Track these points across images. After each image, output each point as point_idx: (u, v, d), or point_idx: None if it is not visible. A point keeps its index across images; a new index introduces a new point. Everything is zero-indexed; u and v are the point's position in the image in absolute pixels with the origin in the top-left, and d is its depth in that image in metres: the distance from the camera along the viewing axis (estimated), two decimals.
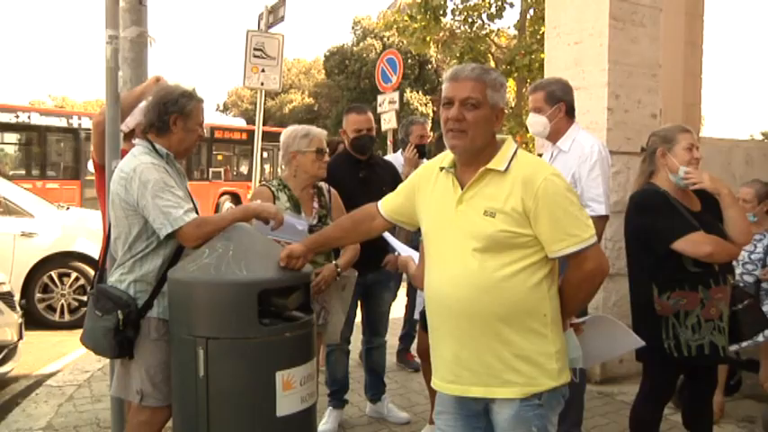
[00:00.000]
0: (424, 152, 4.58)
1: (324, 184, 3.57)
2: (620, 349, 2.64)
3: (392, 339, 4.98)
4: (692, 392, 3.20)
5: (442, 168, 2.16)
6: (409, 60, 27.27)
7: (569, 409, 3.58)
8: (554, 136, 3.61)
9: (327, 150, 3.46)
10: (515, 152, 2.09)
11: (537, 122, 3.62)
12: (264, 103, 9.99)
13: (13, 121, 15.13)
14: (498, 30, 16.40)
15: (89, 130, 8.49)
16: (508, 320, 2.01)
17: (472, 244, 2.01)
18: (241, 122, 22.16)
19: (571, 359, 2.15)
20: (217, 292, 2.42)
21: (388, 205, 2.40)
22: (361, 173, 3.96)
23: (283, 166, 3.51)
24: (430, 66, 32.18)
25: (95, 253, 6.38)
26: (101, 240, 3.39)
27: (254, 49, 8.14)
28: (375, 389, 4.24)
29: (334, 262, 3.37)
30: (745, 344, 3.97)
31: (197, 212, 2.71)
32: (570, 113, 3.61)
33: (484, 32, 15.42)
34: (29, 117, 15.41)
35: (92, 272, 6.53)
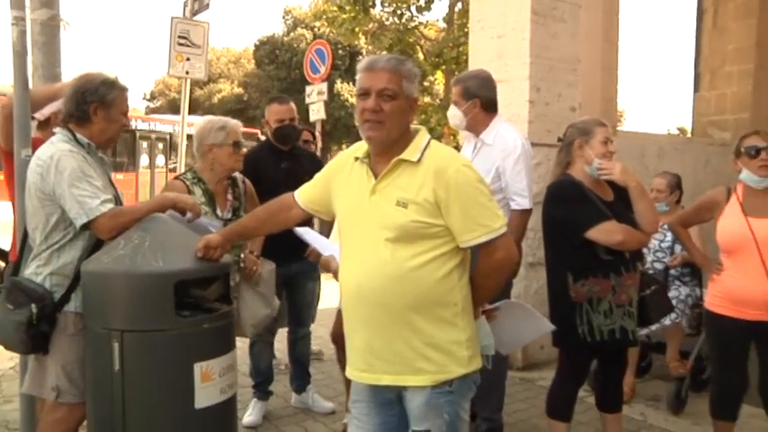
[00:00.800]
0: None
1: (238, 175, 3.53)
2: (532, 334, 2.72)
3: (321, 330, 4.99)
4: (604, 375, 3.33)
5: (356, 158, 2.17)
6: (340, 51, 27.18)
7: (490, 395, 3.71)
8: (474, 129, 3.66)
9: (244, 143, 3.42)
10: (428, 143, 2.11)
11: (454, 116, 3.69)
12: (192, 93, 9.78)
13: None
14: (427, 22, 16.52)
15: None
16: (419, 310, 2.04)
17: (384, 234, 2.03)
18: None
19: (483, 346, 2.20)
20: (131, 284, 2.37)
21: (304, 195, 2.40)
22: (283, 163, 3.94)
23: (198, 159, 3.44)
24: (361, 57, 32.10)
25: (5, 245, 6.11)
26: (10, 231, 3.25)
27: (179, 37, 7.94)
28: (300, 379, 4.24)
29: (248, 250, 3.35)
30: (654, 327, 4.18)
31: (121, 203, 2.64)
32: (488, 107, 3.65)
33: (413, 25, 15.55)
34: None
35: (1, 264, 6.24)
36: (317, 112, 10.33)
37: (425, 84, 15.21)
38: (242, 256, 3.34)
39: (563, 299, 3.09)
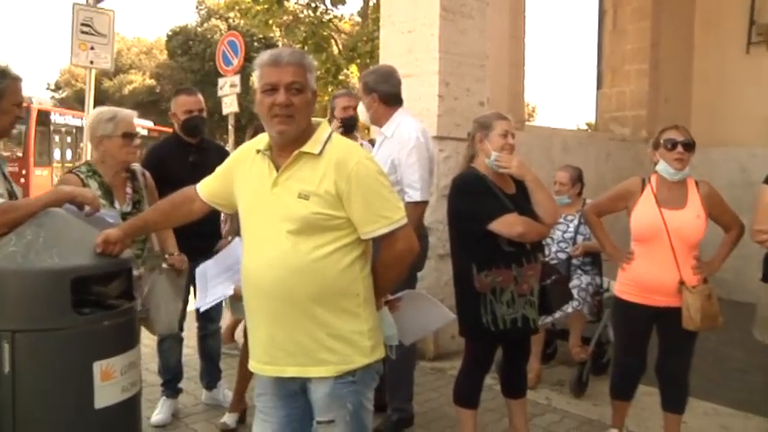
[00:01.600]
0: (351, 125, 4.31)
1: (137, 167, 3.45)
2: (434, 324, 2.78)
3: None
4: (508, 362, 3.45)
5: (258, 151, 2.16)
6: (255, 44, 26.76)
7: (400, 386, 3.77)
8: (377, 122, 3.76)
9: (138, 134, 3.33)
10: (329, 136, 2.13)
11: (360, 111, 3.80)
12: (100, 84, 9.41)
13: None
14: (342, 16, 16.54)
15: None
16: (321, 301, 2.05)
17: (286, 226, 2.03)
18: (149, 123, 20.77)
19: (386, 336, 2.24)
20: (24, 282, 2.26)
21: (206, 188, 2.37)
22: (191, 156, 3.86)
23: (92, 151, 3.34)
24: None
25: None
26: None
27: (82, 25, 7.61)
28: (210, 375, 4.18)
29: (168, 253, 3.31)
30: (557, 315, 4.35)
31: (15, 197, 2.52)
32: (388, 101, 3.71)
33: (327, 18, 15.48)
34: None
35: None
36: (229, 105, 10.16)
37: (340, 77, 15.17)
38: (148, 250, 3.27)
39: (468, 289, 3.17)
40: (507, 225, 3.07)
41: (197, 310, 4.10)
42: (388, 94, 3.71)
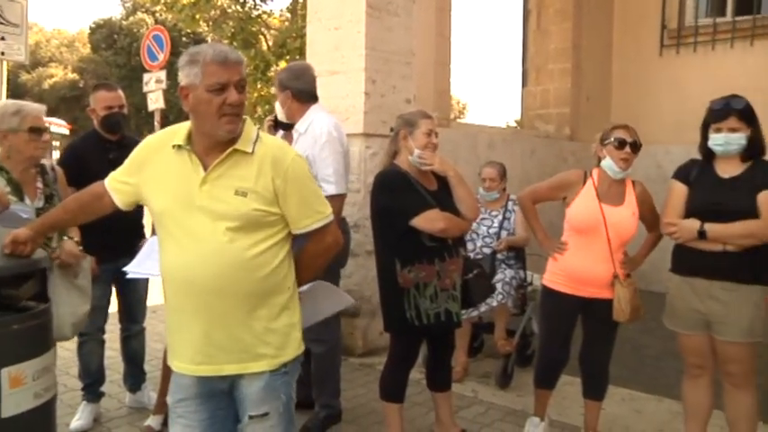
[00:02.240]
0: (287, 125, 4.12)
1: (47, 162, 3.33)
2: (331, 309, 2.78)
3: (160, 326, 4.81)
4: (433, 356, 3.50)
5: (175, 146, 2.11)
6: (184, 38, 26.20)
7: (326, 382, 3.77)
8: (292, 119, 3.77)
9: (47, 128, 3.21)
10: (258, 133, 2.14)
11: (277, 108, 3.81)
12: (17, 77, 9.00)
13: None
14: (271, 12, 16.32)
15: None
16: (259, 296, 2.08)
17: (224, 223, 2.03)
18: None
19: None
20: None
21: (114, 183, 2.30)
22: (111, 154, 3.74)
23: None
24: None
25: None
26: None
27: None
28: (134, 378, 4.09)
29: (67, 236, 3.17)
30: (483, 309, 4.44)
31: None
32: (301, 98, 3.72)
33: (256, 13, 15.28)
34: None
35: None
36: (155, 101, 9.92)
37: (270, 74, 14.99)
38: (54, 245, 3.13)
39: (392, 285, 3.21)
40: (429, 221, 3.12)
41: (120, 311, 4.01)
42: (301, 91, 3.73)
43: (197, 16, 14.31)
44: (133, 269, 3.19)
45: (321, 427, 3.74)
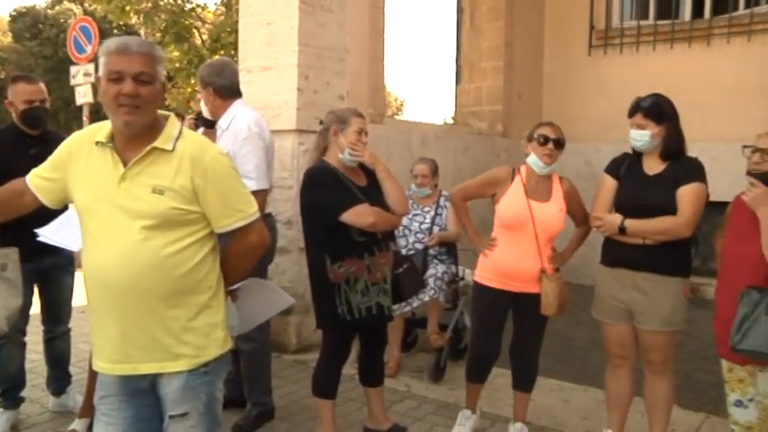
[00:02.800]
0: (209, 122, 4.04)
1: None
2: (274, 309, 2.78)
3: (87, 327, 4.66)
4: (365, 351, 3.52)
5: (98, 142, 2.08)
6: (115, 31, 25.42)
7: (257, 379, 3.75)
8: (215, 115, 3.74)
9: None
10: (180, 131, 2.10)
11: (202, 105, 3.77)
12: None
13: None
14: (205, 5, 15.99)
15: None
16: (177, 295, 2.04)
17: (141, 222, 1.99)
18: None
19: (229, 327, 2.24)
20: None
21: (36, 180, 2.24)
22: (32, 149, 3.61)
23: None
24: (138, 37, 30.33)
25: None
26: None
27: None
28: (58, 381, 3.96)
29: None
30: (415, 304, 4.49)
31: None
32: (223, 94, 3.71)
33: (189, 7, 14.96)
34: None
35: None
36: (83, 95, 9.62)
37: None
38: None
39: (322, 281, 3.22)
40: (358, 215, 3.15)
41: (42, 312, 3.87)
42: (222, 87, 3.71)
43: (127, 8, 13.89)
44: (45, 234, 3.09)
45: (253, 425, 3.72)
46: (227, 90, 3.72)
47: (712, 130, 7.00)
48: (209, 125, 3.99)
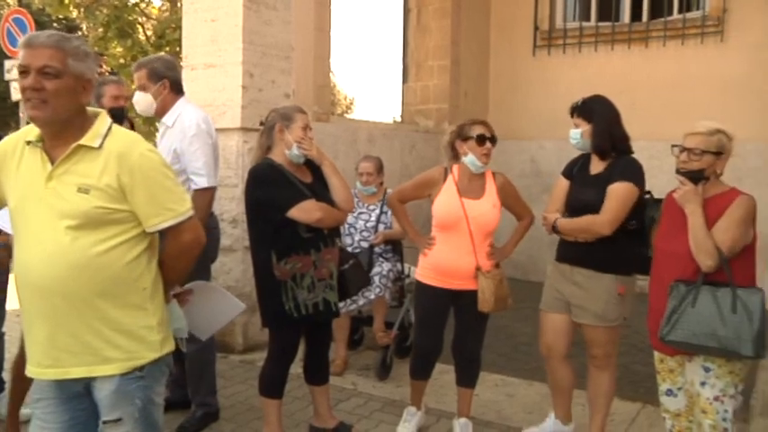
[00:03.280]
0: (121, 116, 3.98)
1: None
2: (226, 316, 2.77)
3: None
4: (310, 350, 3.52)
5: (28, 142, 2.03)
6: (55, 24, 24.61)
7: (202, 380, 3.72)
8: (163, 112, 3.65)
9: None
10: (110, 128, 2.06)
11: (142, 100, 3.63)
12: None
13: None
14: (149, 1, 15.60)
15: None
16: (107, 296, 2.00)
17: (66, 222, 1.95)
18: None
19: (175, 329, 2.21)
20: None
21: None
22: None
23: None
24: (80, 32, 29.46)
25: None
26: None
27: None
28: None
29: None
30: (361, 302, 4.51)
31: None
32: (175, 89, 3.66)
33: (133, 2, 14.60)
34: None
35: None
36: (18, 91, 9.29)
37: None
38: None
39: (268, 279, 3.21)
40: (306, 211, 3.15)
41: None
42: (176, 82, 3.68)
43: (66, 1, 13.45)
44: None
45: (198, 426, 3.69)
46: (178, 86, 3.68)
47: (651, 128, 7.20)
48: (117, 119, 3.92)
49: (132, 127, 4.29)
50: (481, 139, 3.37)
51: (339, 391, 4.29)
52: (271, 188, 3.19)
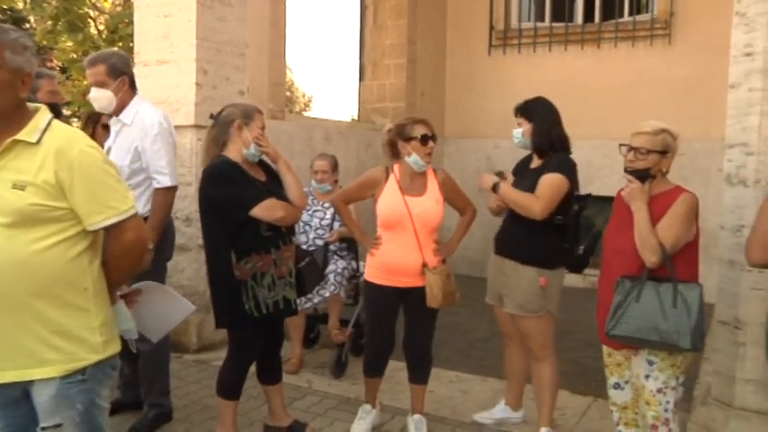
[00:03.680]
0: (58, 112, 3.93)
1: None
2: (177, 317, 2.73)
3: None
4: (263, 350, 3.50)
5: None
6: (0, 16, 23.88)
7: (155, 381, 3.68)
8: (119, 109, 3.58)
9: None
10: (49, 122, 2.00)
11: (102, 97, 3.52)
12: None
13: None
14: None
15: None
16: (44, 297, 1.93)
17: (0, 219, 1.88)
18: None
19: (123, 330, 2.17)
20: None
21: None
22: None
23: None
24: (28, 25, 28.65)
25: None
26: None
27: None
28: None
29: None
30: (317, 300, 4.51)
31: None
32: (133, 86, 3.62)
33: None
34: None
35: None
36: None
37: None
38: None
39: (227, 279, 3.17)
40: (269, 209, 3.14)
41: None
42: (133, 78, 3.63)
43: None
44: None
45: (150, 428, 3.64)
46: (133, 82, 3.62)
47: (603, 127, 7.38)
48: (57, 114, 3.85)
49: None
50: (424, 139, 3.42)
51: (294, 389, 4.28)
52: (232, 187, 3.14)
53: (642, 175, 2.78)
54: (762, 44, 3.22)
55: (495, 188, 3.43)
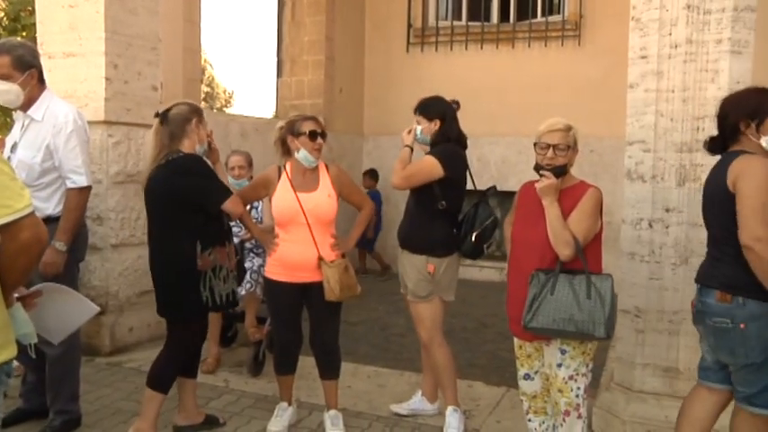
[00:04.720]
0: None
1: None
2: (80, 318, 2.65)
3: None
4: None
5: None
6: None
7: (62, 386, 3.56)
8: (26, 104, 3.41)
9: None
10: None
11: (8, 91, 3.31)
12: None
13: None
14: None
15: None
16: None
17: None
18: None
19: (22, 335, 2.08)
20: None
21: None
22: None
23: None
24: None
25: None
26: None
27: None
28: None
29: None
30: None
31: None
32: (41, 80, 3.45)
33: None
34: None
35: None
36: None
37: None
38: None
39: (187, 270, 3.25)
40: (236, 204, 3.34)
41: None
42: (41, 71, 3.45)
43: None
44: None
45: None
46: (42, 76, 3.45)
47: (518, 125, 7.59)
48: None
49: None
50: (313, 135, 3.47)
51: (211, 389, 4.23)
52: (203, 179, 3.29)
53: (560, 171, 2.87)
54: (655, 48, 3.40)
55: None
